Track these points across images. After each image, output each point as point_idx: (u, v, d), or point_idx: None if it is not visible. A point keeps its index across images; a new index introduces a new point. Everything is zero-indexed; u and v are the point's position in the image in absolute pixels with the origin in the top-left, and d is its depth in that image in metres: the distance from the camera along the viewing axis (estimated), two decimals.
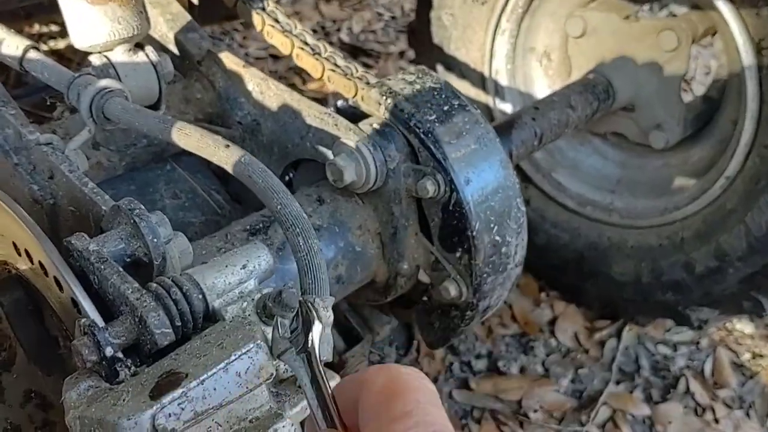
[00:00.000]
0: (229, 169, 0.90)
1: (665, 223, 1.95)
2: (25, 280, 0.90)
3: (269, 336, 0.81)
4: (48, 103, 1.16)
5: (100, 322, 0.74)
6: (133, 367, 0.75)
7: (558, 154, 2.15)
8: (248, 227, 1.16)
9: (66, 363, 0.89)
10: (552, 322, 2.17)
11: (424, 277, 1.31)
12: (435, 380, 1.97)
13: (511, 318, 2.17)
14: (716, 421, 1.94)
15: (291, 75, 3.08)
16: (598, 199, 2.08)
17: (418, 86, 1.22)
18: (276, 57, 3.16)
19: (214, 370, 0.70)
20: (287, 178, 1.43)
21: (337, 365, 1.41)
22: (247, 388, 0.73)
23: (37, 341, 0.89)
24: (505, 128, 1.58)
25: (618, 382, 2.03)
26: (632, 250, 2.00)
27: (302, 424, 0.80)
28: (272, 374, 0.74)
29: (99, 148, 1.24)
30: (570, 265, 2.11)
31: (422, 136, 1.17)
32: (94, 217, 0.96)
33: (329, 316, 0.82)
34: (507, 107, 2.11)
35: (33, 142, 1.04)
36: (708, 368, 2.08)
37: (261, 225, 1.16)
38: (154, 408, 0.67)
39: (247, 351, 0.73)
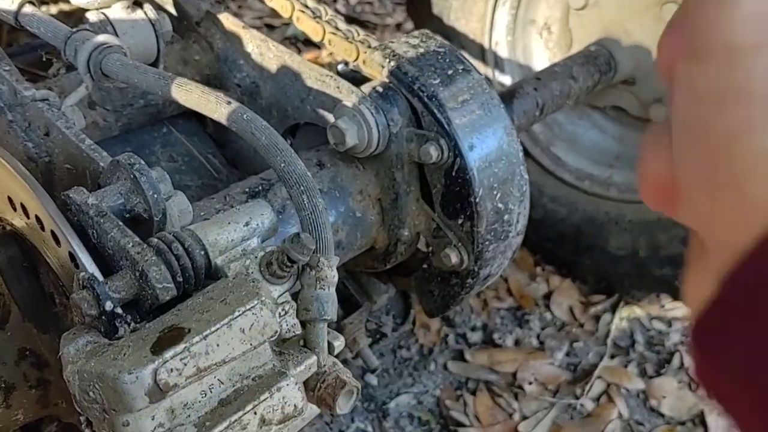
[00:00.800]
0: (230, 125, 0.88)
1: None
2: (20, 236, 0.88)
3: (274, 294, 0.79)
4: (44, 59, 1.13)
5: (100, 277, 0.72)
6: (132, 323, 0.73)
7: (557, 127, 2.13)
8: (247, 189, 1.13)
9: (61, 321, 0.87)
10: (547, 296, 2.16)
11: (424, 246, 1.30)
12: (430, 351, 1.96)
13: (507, 291, 2.16)
14: (710, 396, 1.95)
15: (287, 45, 3.04)
16: (596, 173, 2.07)
17: (421, 49, 1.19)
18: (271, 27, 3.12)
19: (218, 326, 0.69)
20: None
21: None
22: (251, 345, 0.71)
23: (32, 298, 0.88)
24: (506, 98, 1.56)
25: (612, 357, 2.03)
26: (630, 224, 1.99)
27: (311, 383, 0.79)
28: (276, 332, 0.73)
29: (95, 107, 1.21)
30: (566, 239, 2.10)
31: (426, 99, 1.15)
32: (91, 175, 0.94)
33: (334, 275, 0.81)
34: (506, 80, 2.09)
35: (28, 99, 1.02)
36: None
37: (260, 188, 1.14)
38: (156, 362, 0.65)
39: (252, 307, 0.71)
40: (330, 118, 1.18)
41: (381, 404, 1.82)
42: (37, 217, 0.80)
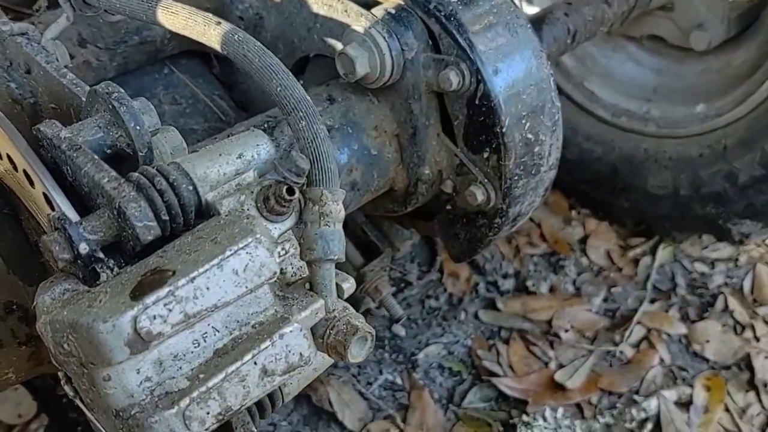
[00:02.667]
0: (221, 49, 0.79)
1: (706, 131, 1.82)
2: None
3: (274, 233, 0.71)
4: None
5: (74, 217, 0.64)
6: (116, 269, 0.65)
7: (590, 61, 2.01)
8: (252, 128, 1.04)
9: (48, 272, 0.80)
10: (583, 241, 2.06)
11: (447, 187, 1.20)
12: (460, 300, 1.88)
13: (540, 237, 2.06)
14: (756, 339, 1.85)
15: None
16: (633, 108, 1.95)
17: None
18: None
19: (206, 267, 0.61)
20: None
21: (354, 280, 1.31)
22: (246, 287, 0.63)
23: (16, 249, 0.80)
24: (535, 24, 1.43)
25: (653, 301, 1.93)
26: (670, 161, 1.88)
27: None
28: (275, 273, 0.64)
29: (86, 45, 1.12)
30: (603, 179, 1.99)
31: (444, 20, 1.03)
32: (75, 113, 0.86)
33: (340, 210, 0.72)
34: (535, 11, 1.95)
35: (6, 34, 0.93)
36: (747, 285, 1.97)
37: (266, 125, 1.05)
38: (136, 309, 0.57)
39: (245, 246, 0.63)
40: (339, 47, 1.07)
41: (410, 355, 1.75)
42: (9, 157, 0.72)
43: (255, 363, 0.63)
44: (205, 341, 0.64)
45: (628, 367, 1.77)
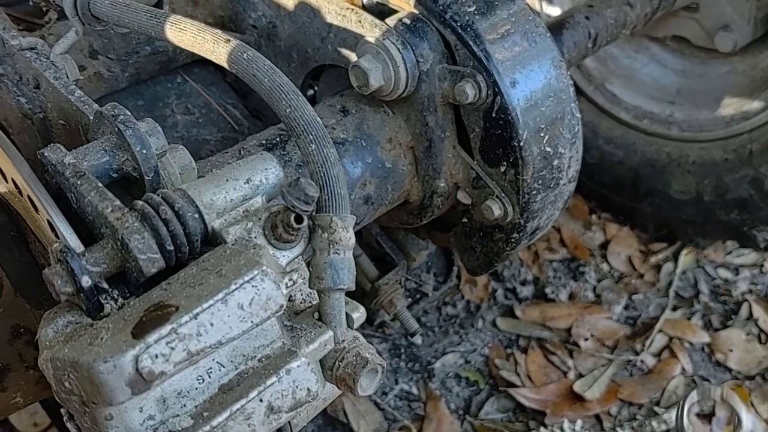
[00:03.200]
0: (230, 67, 0.76)
1: (731, 135, 1.78)
2: (6, 204, 0.79)
3: (282, 261, 0.69)
4: (31, 3, 1.03)
5: (77, 246, 0.62)
6: (120, 300, 0.63)
7: (612, 62, 1.97)
8: (264, 141, 1.02)
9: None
10: (604, 246, 2.02)
11: (464, 198, 1.17)
12: (477, 308, 1.85)
13: (560, 242, 2.02)
14: None
15: None
16: (656, 110, 1.91)
17: None
18: None
19: (210, 302, 0.59)
20: (311, 92, 1.29)
21: (369, 293, 1.30)
22: (252, 322, 0.61)
23: (25, 271, 0.79)
24: (555, 29, 1.40)
25: (675, 309, 1.89)
26: (694, 165, 1.84)
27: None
28: (282, 306, 0.62)
29: (97, 56, 1.11)
30: (624, 184, 1.96)
31: (460, 31, 1.00)
32: (83, 130, 0.84)
33: (350, 238, 0.70)
34: (555, 11, 1.91)
35: (15, 48, 0.92)
36: None
37: (278, 139, 1.03)
38: (137, 348, 0.55)
39: (251, 279, 0.61)
40: (353, 57, 1.05)
41: (426, 364, 1.73)
42: (14, 181, 0.70)
43: (261, 400, 0.61)
44: (209, 377, 0.62)
45: (649, 377, 1.74)
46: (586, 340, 1.80)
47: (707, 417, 1.66)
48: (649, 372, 1.76)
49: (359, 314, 0.74)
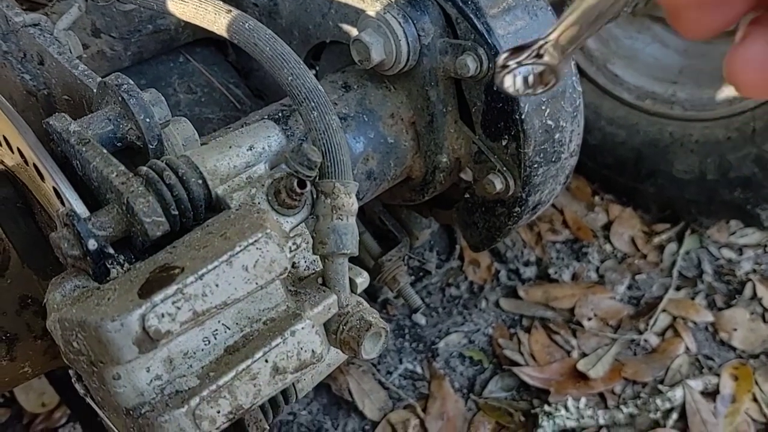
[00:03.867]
0: (231, 38, 0.77)
1: (734, 114, 1.77)
2: (12, 176, 0.79)
3: (285, 227, 0.69)
4: None
5: (83, 212, 0.63)
6: (126, 264, 0.64)
7: (614, 43, 1.96)
8: (266, 117, 1.03)
9: (62, 266, 0.79)
10: (607, 227, 2.02)
11: (466, 175, 1.18)
12: (481, 289, 1.86)
13: (563, 223, 2.03)
14: None
15: None
16: (658, 90, 1.90)
17: None
18: None
19: (215, 264, 0.59)
20: (312, 72, 1.29)
21: (372, 270, 1.30)
22: (257, 284, 0.62)
23: (31, 242, 0.80)
24: (556, 5, 1.40)
25: (678, 288, 1.89)
26: (697, 145, 1.83)
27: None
28: (286, 268, 0.63)
29: (100, 35, 1.11)
30: (627, 164, 1.95)
31: (460, 4, 1.01)
32: (87, 104, 0.85)
33: (353, 203, 0.70)
34: None
35: (19, 25, 0.92)
36: None
37: (280, 114, 1.03)
38: (144, 307, 0.56)
39: (255, 241, 0.61)
40: (355, 33, 1.05)
41: (430, 344, 1.73)
42: (19, 151, 0.71)
43: (266, 361, 0.62)
44: (215, 339, 0.63)
45: (653, 356, 1.74)
46: (589, 319, 1.80)
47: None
48: (652, 351, 1.76)
49: (362, 279, 0.74)
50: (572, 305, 1.82)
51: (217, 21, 0.78)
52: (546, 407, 1.59)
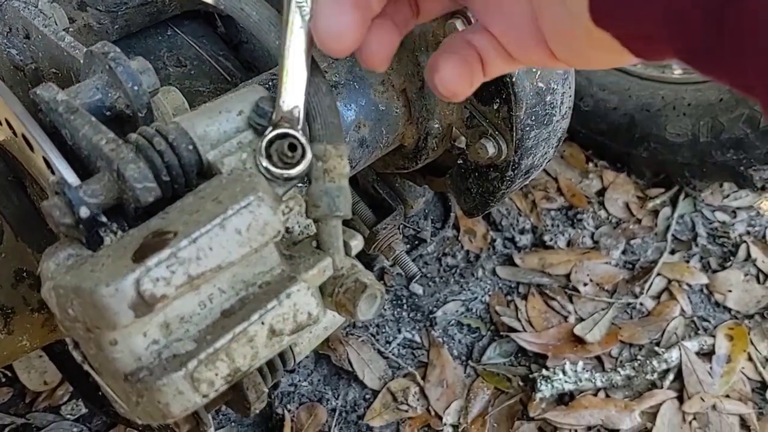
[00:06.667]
0: (217, 3, 0.76)
1: None
2: (2, 150, 0.79)
3: (278, 191, 0.69)
4: None
5: (74, 180, 0.63)
6: (119, 232, 0.64)
7: None
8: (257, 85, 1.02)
9: (56, 238, 0.79)
10: (601, 193, 2.03)
11: (459, 143, 1.18)
12: (477, 257, 1.87)
13: (557, 191, 2.03)
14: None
15: None
16: None
17: None
18: None
19: (208, 227, 0.59)
20: None
21: (368, 239, 1.30)
22: (250, 247, 0.62)
23: (24, 216, 0.80)
24: None
25: (673, 252, 1.91)
26: (689, 108, 1.83)
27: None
28: (279, 231, 0.63)
29: (86, 8, 1.10)
30: (620, 130, 1.95)
31: None
32: (75, 76, 0.84)
33: (345, 166, 0.70)
34: None
35: None
36: None
37: (270, 83, 1.03)
38: (138, 272, 0.56)
39: (247, 204, 0.61)
40: None
41: (428, 313, 1.75)
42: (7, 122, 0.70)
43: (262, 323, 0.62)
44: (211, 302, 0.63)
45: (649, 319, 1.76)
46: (585, 285, 1.81)
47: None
48: (648, 314, 1.78)
49: (357, 242, 0.74)
50: (568, 271, 1.83)
51: None
52: (544, 371, 1.61)
